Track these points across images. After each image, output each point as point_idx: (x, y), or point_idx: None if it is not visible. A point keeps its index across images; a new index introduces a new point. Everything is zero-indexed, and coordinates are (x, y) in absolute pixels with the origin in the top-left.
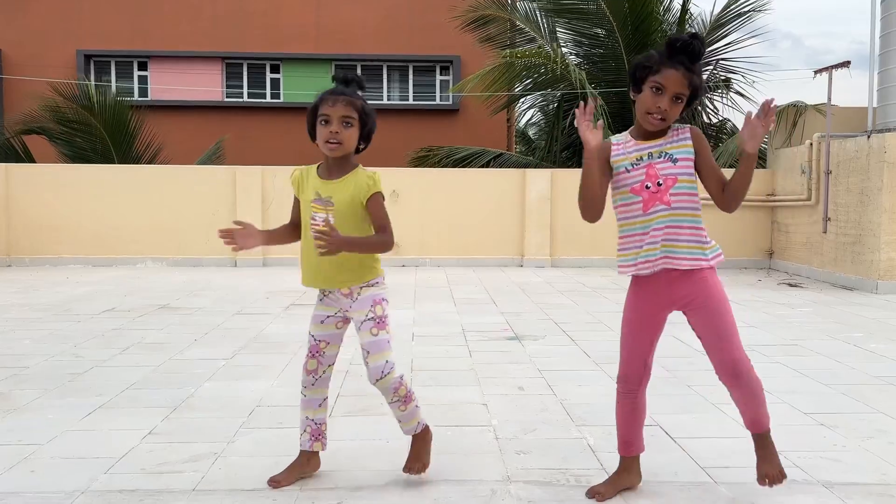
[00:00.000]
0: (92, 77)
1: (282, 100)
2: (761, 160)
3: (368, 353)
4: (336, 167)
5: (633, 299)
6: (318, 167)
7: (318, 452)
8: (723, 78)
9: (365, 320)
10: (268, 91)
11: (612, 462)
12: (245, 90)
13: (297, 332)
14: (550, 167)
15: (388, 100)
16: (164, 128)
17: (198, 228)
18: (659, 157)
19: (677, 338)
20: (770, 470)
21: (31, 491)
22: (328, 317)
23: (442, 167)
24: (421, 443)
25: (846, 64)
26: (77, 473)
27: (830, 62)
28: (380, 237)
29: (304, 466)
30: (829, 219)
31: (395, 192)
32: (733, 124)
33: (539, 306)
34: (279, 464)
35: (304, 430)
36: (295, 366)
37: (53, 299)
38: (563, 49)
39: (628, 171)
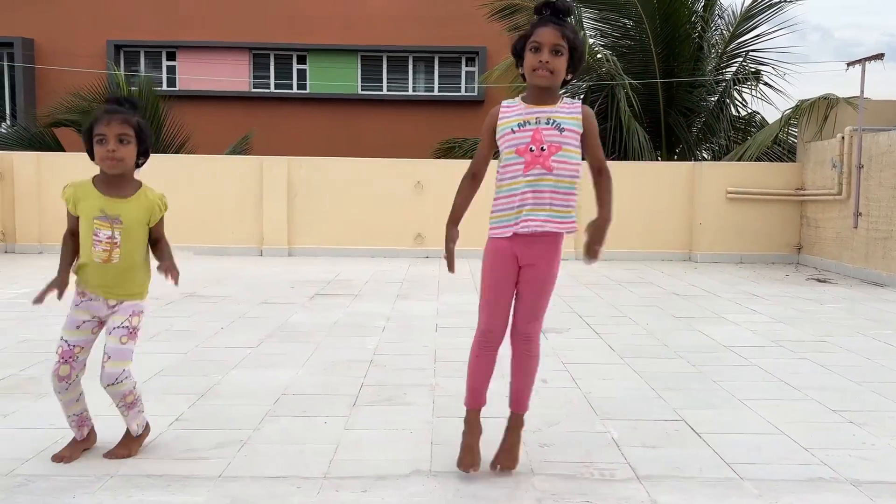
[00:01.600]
0: (122, 67)
1: (308, 90)
2: (790, 154)
3: (109, 357)
4: (117, 184)
5: (493, 258)
6: (93, 182)
7: (92, 428)
8: (752, 70)
9: (118, 327)
10: (294, 81)
11: (637, 456)
12: (272, 80)
13: (321, 322)
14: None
15: (414, 91)
16: (192, 118)
17: (224, 218)
18: (546, 123)
19: (703, 332)
20: (507, 459)
21: (61, 475)
22: (84, 322)
23: (467, 158)
24: (136, 440)
25: (880, 56)
26: (105, 459)
27: (860, 55)
28: (167, 245)
29: (86, 443)
30: (861, 214)
31: (419, 184)
32: (762, 117)
33: (563, 299)
34: (304, 452)
35: (71, 425)
36: (319, 354)
37: None
38: (591, 40)
39: (513, 131)
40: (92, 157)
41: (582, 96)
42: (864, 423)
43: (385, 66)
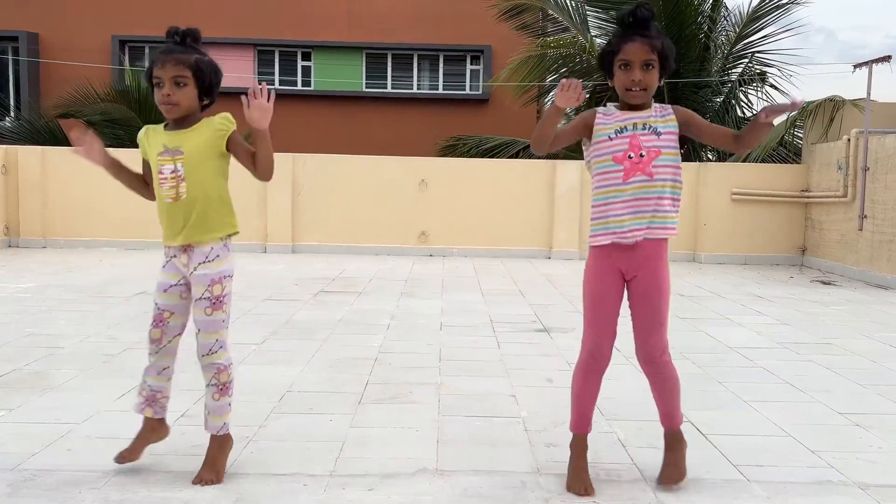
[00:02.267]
0: (126, 62)
1: (313, 87)
2: (795, 155)
3: (199, 330)
4: (182, 122)
5: (595, 272)
6: (164, 124)
7: (164, 420)
8: (758, 71)
9: (199, 298)
10: (299, 78)
11: (643, 457)
12: (276, 77)
13: (326, 319)
14: (581, 159)
15: (419, 89)
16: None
17: None
18: (643, 129)
19: (709, 334)
20: (673, 473)
21: (68, 469)
22: (172, 286)
23: (471, 157)
24: (217, 449)
25: (887, 59)
26: (112, 453)
27: (865, 57)
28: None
29: (150, 435)
30: (866, 216)
31: (423, 182)
32: None
33: (567, 299)
34: (310, 449)
35: (140, 393)
36: (324, 352)
37: (88, 281)
38: (598, 39)
39: (611, 139)
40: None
41: (587, 95)
42: (870, 426)
43: (390, 63)
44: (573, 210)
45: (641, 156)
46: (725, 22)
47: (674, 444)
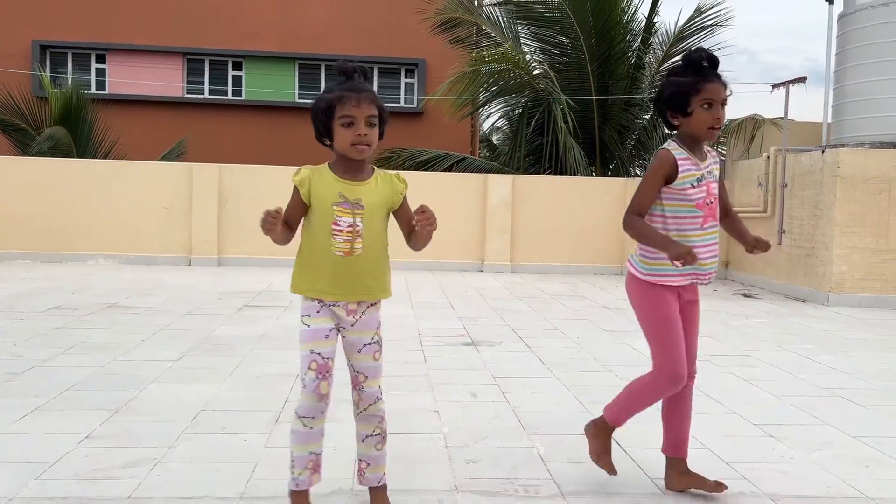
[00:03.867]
0: (48, 68)
1: (243, 97)
2: None
3: (367, 377)
4: (357, 168)
5: (666, 302)
6: (329, 167)
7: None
8: None
9: (370, 343)
10: (229, 88)
11: (562, 471)
12: (206, 87)
13: (248, 335)
14: (513, 173)
15: None
16: (122, 122)
17: (152, 226)
18: (710, 177)
19: (633, 346)
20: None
21: None
22: (331, 330)
23: (405, 169)
24: (383, 498)
25: (803, 79)
26: (5, 479)
27: (785, 77)
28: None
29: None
30: (784, 231)
31: None
32: None
33: (497, 312)
34: (220, 470)
35: (305, 472)
36: (244, 368)
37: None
38: (528, 56)
39: (693, 186)
40: (322, 139)
41: (519, 111)
42: (784, 437)
43: (323, 75)
44: (505, 223)
45: (711, 203)
46: (654, 40)
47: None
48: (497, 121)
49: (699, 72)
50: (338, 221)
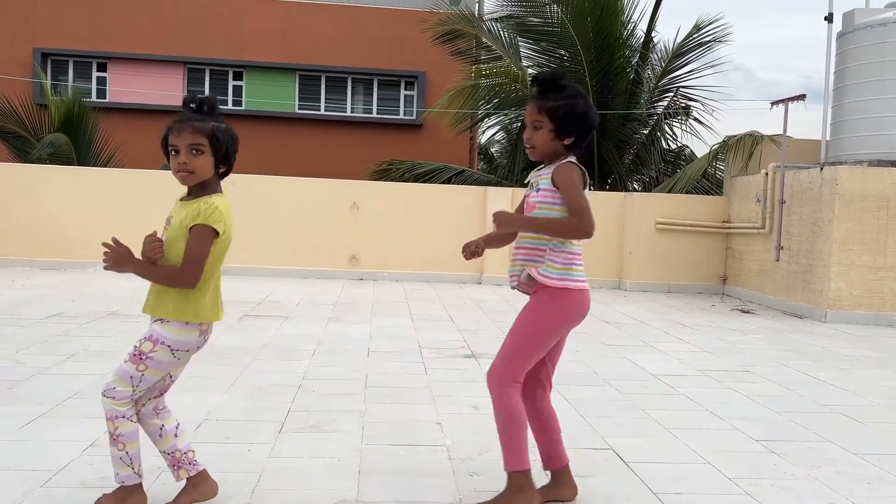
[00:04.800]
0: (49, 76)
1: (244, 107)
2: (717, 187)
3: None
4: (195, 192)
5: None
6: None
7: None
8: (683, 105)
9: (132, 346)
10: (230, 98)
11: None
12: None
13: (249, 344)
14: (512, 186)
15: (352, 112)
16: (122, 131)
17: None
18: (530, 187)
19: (632, 361)
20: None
21: None
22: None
23: (404, 181)
24: (114, 499)
25: (802, 97)
26: (11, 487)
27: (780, 94)
28: (172, 269)
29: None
30: (782, 247)
31: (354, 205)
32: (691, 150)
33: (496, 324)
34: (225, 480)
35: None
36: (245, 378)
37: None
38: (529, 70)
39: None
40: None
41: (518, 124)
42: (784, 452)
43: (324, 86)
44: None
45: (522, 210)
46: (653, 56)
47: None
48: (496, 133)
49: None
50: (163, 236)
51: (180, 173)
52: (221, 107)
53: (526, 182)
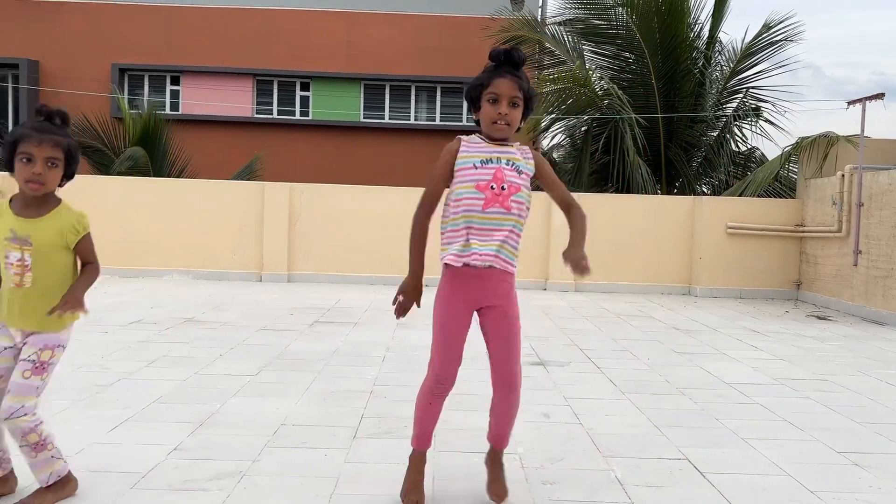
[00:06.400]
0: (125, 91)
1: (311, 117)
2: (790, 190)
3: (10, 391)
4: (35, 204)
5: (447, 295)
6: (10, 201)
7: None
8: (752, 106)
9: (24, 360)
10: (297, 108)
11: (641, 495)
12: (275, 107)
13: (321, 350)
14: (577, 191)
15: (416, 119)
16: (194, 142)
17: (224, 242)
18: (507, 164)
19: (705, 369)
20: (500, 489)
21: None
22: (6, 348)
23: None
24: (52, 496)
25: (880, 96)
26: (104, 487)
27: (851, 93)
28: (93, 271)
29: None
30: (861, 252)
31: None
32: (762, 153)
33: (563, 331)
34: (304, 485)
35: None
36: (319, 384)
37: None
38: (593, 74)
39: (476, 167)
40: (10, 171)
41: (584, 129)
42: (869, 465)
43: (388, 94)
44: None
45: (503, 188)
46: (720, 57)
47: (498, 460)
48: (559, 138)
49: (496, 68)
50: (8, 255)
51: (32, 184)
52: (289, 117)
53: (492, 157)
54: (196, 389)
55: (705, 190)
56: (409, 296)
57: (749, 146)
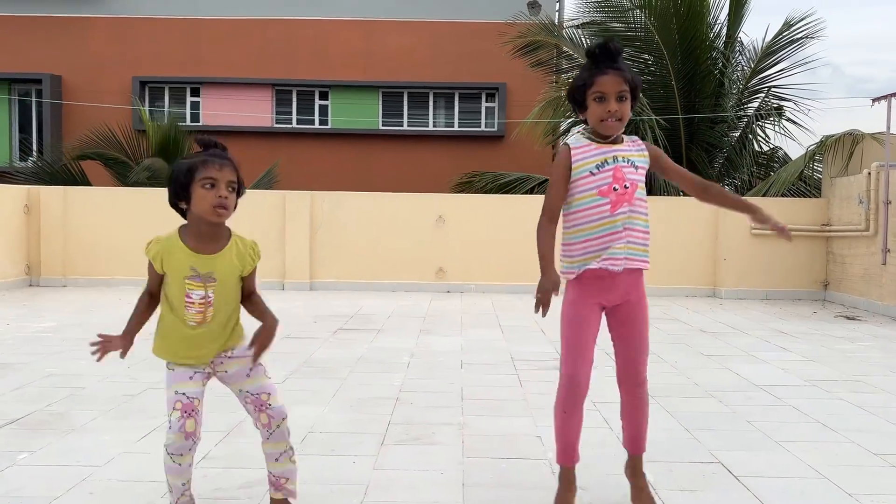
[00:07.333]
0: (146, 103)
1: (330, 126)
2: (815, 189)
3: (270, 394)
4: (209, 236)
5: (578, 297)
6: (179, 236)
7: None
8: (774, 106)
9: (255, 365)
10: (316, 117)
11: (674, 499)
12: (294, 116)
13: (345, 357)
14: None
15: (434, 126)
16: None
17: None
18: (624, 162)
19: (734, 371)
20: (647, 500)
21: None
22: (196, 373)
23: (487, 192)
24: None
25: None
26: (134, 497)
27: (872, 90)
28: (262, 301)
29: None
30: (889, 250)
31: (440, 218)
32: (785, 152)
33: None
34: (333, 492)
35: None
36: (345, 391)
37: (107, 320)
38: None
39: (593, 174)
40: (176, 205)
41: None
42: None
43: (406, 102)
44: None
45: (626, 187)
46: (740, 57)
47: (639, 469)
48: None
49: (596, 65)
50: (190, 294)
51: (219, 209)
52: (308, 126)
53: (607, 159)
54: (223, 398)
55: (728, 190)
56: (548, 291)
57: (772, 146)
